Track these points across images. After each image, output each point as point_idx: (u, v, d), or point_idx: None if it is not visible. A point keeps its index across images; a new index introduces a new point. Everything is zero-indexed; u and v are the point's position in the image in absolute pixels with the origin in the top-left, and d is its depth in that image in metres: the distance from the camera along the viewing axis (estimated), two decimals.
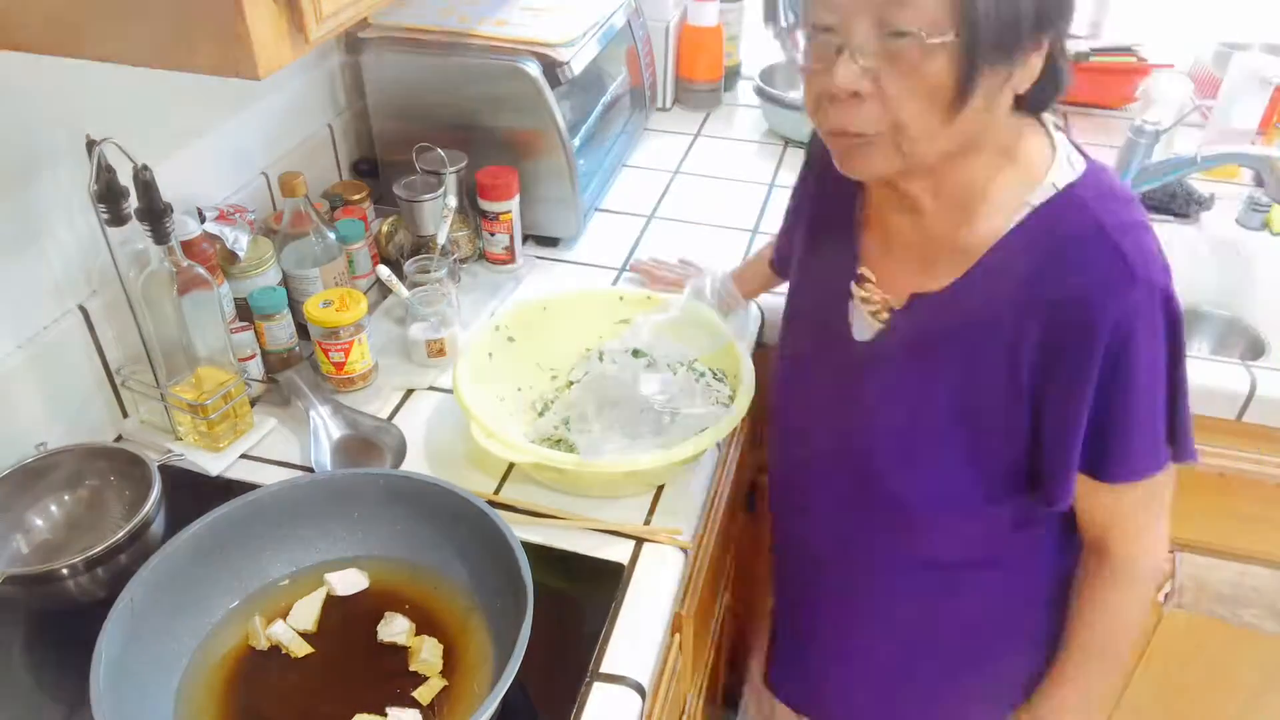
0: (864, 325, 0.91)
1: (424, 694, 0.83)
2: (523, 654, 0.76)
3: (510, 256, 1.41)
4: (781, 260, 1.17)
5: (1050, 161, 0.79)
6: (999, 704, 1.06)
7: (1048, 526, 0.93)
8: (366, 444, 1.12)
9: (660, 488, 1.07)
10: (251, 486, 0.95)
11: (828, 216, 0.96)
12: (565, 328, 1.20)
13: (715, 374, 1.13)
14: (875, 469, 0.91)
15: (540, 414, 1.14)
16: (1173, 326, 0.78)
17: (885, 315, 0.89)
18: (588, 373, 1.13)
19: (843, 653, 1.10)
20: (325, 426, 1.12)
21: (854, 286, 0.92)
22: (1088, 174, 0.79)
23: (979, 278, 0.81)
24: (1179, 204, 1.61)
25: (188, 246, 1.05)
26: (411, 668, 0.85)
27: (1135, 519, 0.88)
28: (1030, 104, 0.78)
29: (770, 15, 0.82)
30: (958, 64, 0.69)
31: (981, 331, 0.81)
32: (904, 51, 0.70)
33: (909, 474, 0.89)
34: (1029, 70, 0.74)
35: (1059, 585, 0.97)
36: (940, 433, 0.86)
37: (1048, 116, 0.83)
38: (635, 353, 1.14)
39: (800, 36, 0.77)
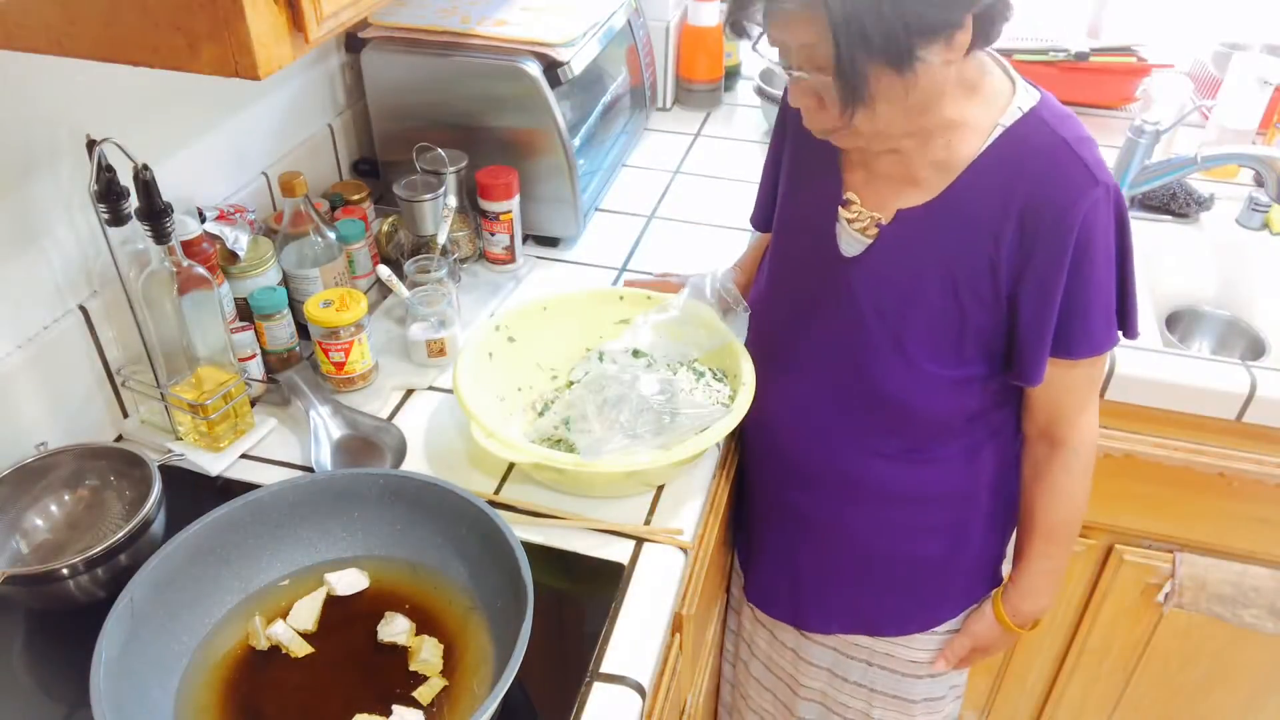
0: (851, 242, 1.00)
1: (424, 694, 0.83)
2: (523, 654, 0.76)
3: (510, 256, 1.41)
4: (762, 217, 1.21)
5: (1012, 90, 0.93)
6: (971, 587, 1.18)
7: (1011, 407, 1.06)
8: (366, 444, 1.12)
9: (660, 488, 1.07)
10: (251, 486, 0.95)
11: (811, 154, 1.04)
12: (565, 328, 1.20)
13: (715, 374, 1.13)
14: (868, 370, 1.02)
15: (540, 414, 1.14)
16: (1121, 220, 0.92)
17: (873, 231, 0.98)
18: (588, 373, 1.13)
19: (829, 557, 1.17)
20: (325, 426, 1.12)
21: (840, 209, 1.01)
22: (1043, 99, 0.93)
23: (961, 190, 0.92)
24: (1179, 204, 1.61)
25: (188, 246, 1.05)
26: (411, 668, 0.85)
27: (1081, 395, 1.01)
28: (979, 45, 0.87)
29: (736, 32, 0.91)
30: (843, 92, 0.83)
31: (964, 235, 0.93)
32: (822, 83, 0.84)
33: (900, 368, 1.00)
34: (957, 45, 0.83)
35: (1015, 466, 1.10)
36: (929, 328, 0.98)
37: (1000, 58, 0.95)
38: (635, 353, 1.15)
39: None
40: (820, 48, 0.82)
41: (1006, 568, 1.19)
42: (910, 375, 1.00)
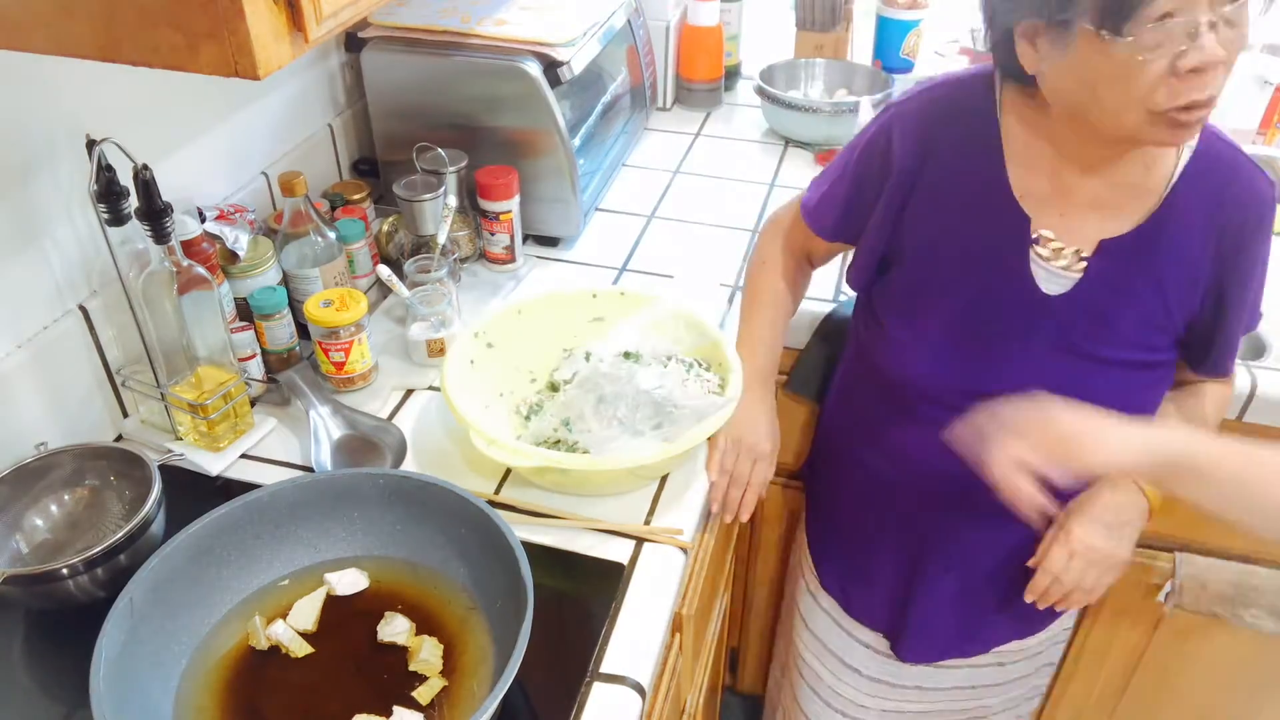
0: (1053, 279, 1.00)
1: (424, 694, 0.83)
2: (523, 654, 0.76)
3: (510, 256, 1.41)
4: (838, 227, 1.14)
5: None
6: None
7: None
8: (366, 444, 1.12)
9: (661, 488, 1.07)
10: (251, 486, 0.95)
11: (971, 193, 1.01)
12: (541, 330, 1.19)
13: (701, 364, 1.13)
14: (1073, 394, 0.95)
15: (526, 417, 1.13)
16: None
17: (1079, 265, 0.98)
18: (577, 373, 1.13)
19: (1002, 583, 1.15)
20: (325, 426, 1.12)
21: (1034, 248, 1.00)
22: None
23: (1167, 213, 0.95)
24: None
25: (188, 246, 1.05)
26: (411, 668, 0.85)
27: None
28: None
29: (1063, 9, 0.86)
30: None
31: (1175, 255, 0.96)
32: (1240, 14, 0.81)
33: (1108, 387, 1.00)
34: None
35: None
36: (1143, 346, 1.00)
37: None
38: (626, 354, 1.14)
39: (1128, 27, 0.81)
40: None
41: None
42: (1118, 391, 1.01)
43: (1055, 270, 0.99)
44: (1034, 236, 0.99)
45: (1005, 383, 1.02)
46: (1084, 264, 0.97)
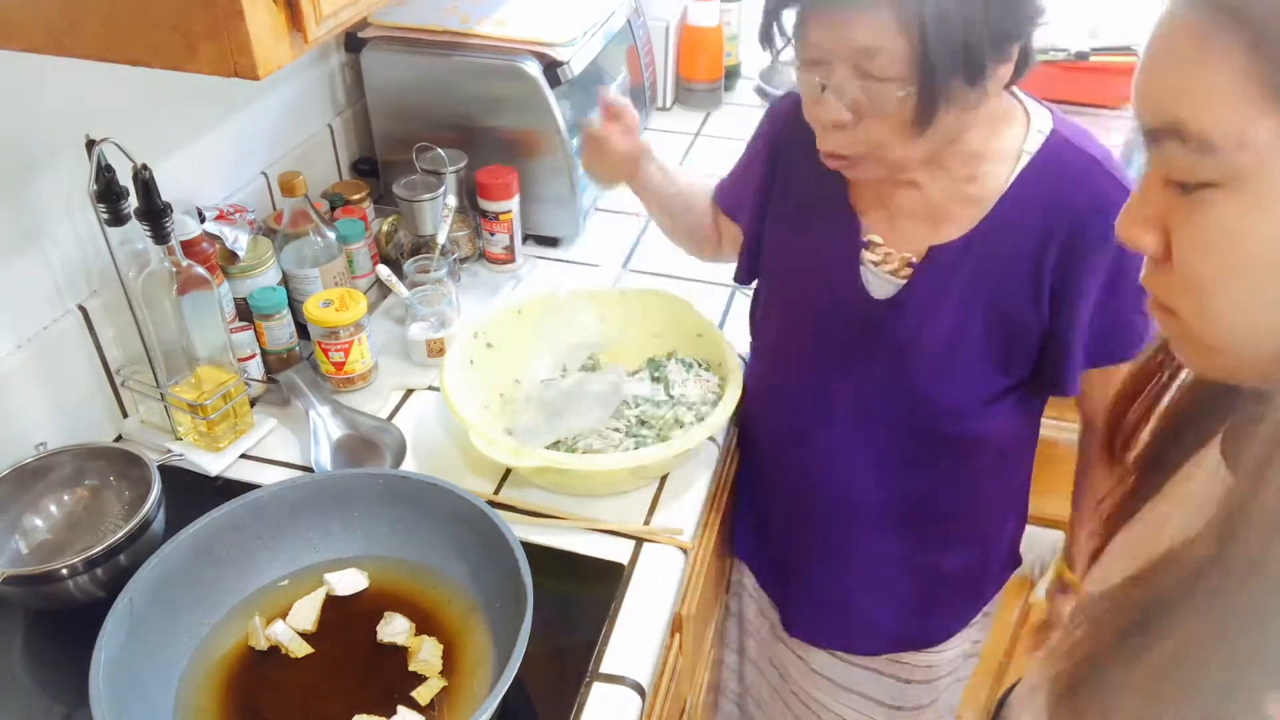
0: (882, 284, 0.98)
1: (423, 694, 0.83)
2: (523, 654, 0.76)
3: (510, 256, 1.41)
4: (729, 201, 1.16)
5: (1026, 113, 0.92)
6: (1000, 571, 1.19)
7: (1038, 407, 1.07)
8: (366, 444, 1.12)
9: (661, 489, 1.07)
10: (251, 486, 0.95)
11: (815, 193, 1.02)
12: (541, 329, 1.19)
13: (701, 364, 1.13)
14: (912, 404, 1.01)
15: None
16: None
17: (905, 271, 0.96)
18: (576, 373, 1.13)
19: (879, 581, 1.16)
20: (325, 426, 1.11)
21: (864, 252, 0.99)
22: (1055, 118, 0.93)
23: (998, 221, 0.92)
24: None
25: (187, 246, 1.05)
26: (411, 668, 0.85)
27: None
28: (1014, 82, 0.87)
29: (765, 41, 0.89)
30: (922, 105, 0.81)
31: (1007, 264, 0.92)
32: (876, 93, 0.82)
33: (944, 397, 1.00)
34: (1000, 78, 0.83)
35: (1031, 458, 1.13)
36: (974, 357, 0.97)
37: None
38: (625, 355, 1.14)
39: (795, 69, 0.88)
40: (889, 54, 0.79)
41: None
42: (954, 401, 1.00)
43: (883, 275, 0.97)
44: (864, 241, 0.98)
45: (844, 381, 1.04)
46: (911, 269, 0.96)
